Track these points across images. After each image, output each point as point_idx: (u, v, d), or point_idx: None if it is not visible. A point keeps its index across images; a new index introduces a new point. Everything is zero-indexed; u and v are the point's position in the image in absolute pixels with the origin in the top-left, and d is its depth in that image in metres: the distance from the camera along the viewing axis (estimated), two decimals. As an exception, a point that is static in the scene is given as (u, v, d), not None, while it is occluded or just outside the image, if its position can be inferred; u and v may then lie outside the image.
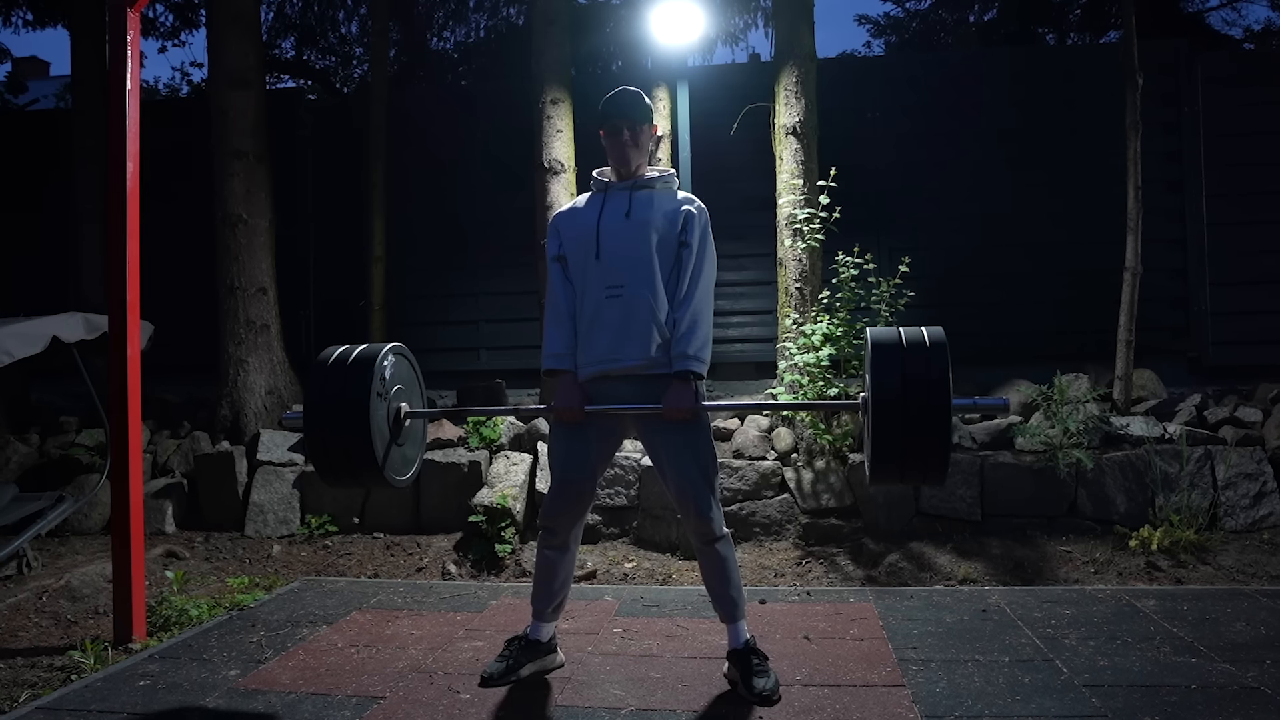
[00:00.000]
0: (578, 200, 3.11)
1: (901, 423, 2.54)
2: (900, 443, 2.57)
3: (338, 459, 2.89)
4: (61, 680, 3.26)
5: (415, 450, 3.16)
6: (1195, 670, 3.08)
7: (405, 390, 3.07)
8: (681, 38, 5.99)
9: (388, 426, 2.95)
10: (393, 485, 3.00)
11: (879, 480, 2.73)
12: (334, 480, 2.99)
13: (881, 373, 2.59)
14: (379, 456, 2.88)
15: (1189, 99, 6.82)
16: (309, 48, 13.15)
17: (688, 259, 2.90)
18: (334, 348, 3.00)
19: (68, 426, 6.38)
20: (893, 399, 2.56)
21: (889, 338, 2.65)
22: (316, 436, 2.90)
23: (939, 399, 2.52)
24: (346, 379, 2.86)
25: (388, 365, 2.95)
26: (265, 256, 6.46)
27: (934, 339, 2.61)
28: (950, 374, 2.55)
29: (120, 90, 3.61)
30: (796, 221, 5.61)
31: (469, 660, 3.33)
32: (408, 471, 3.10)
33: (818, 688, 3.00)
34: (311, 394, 2.93)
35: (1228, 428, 5.25)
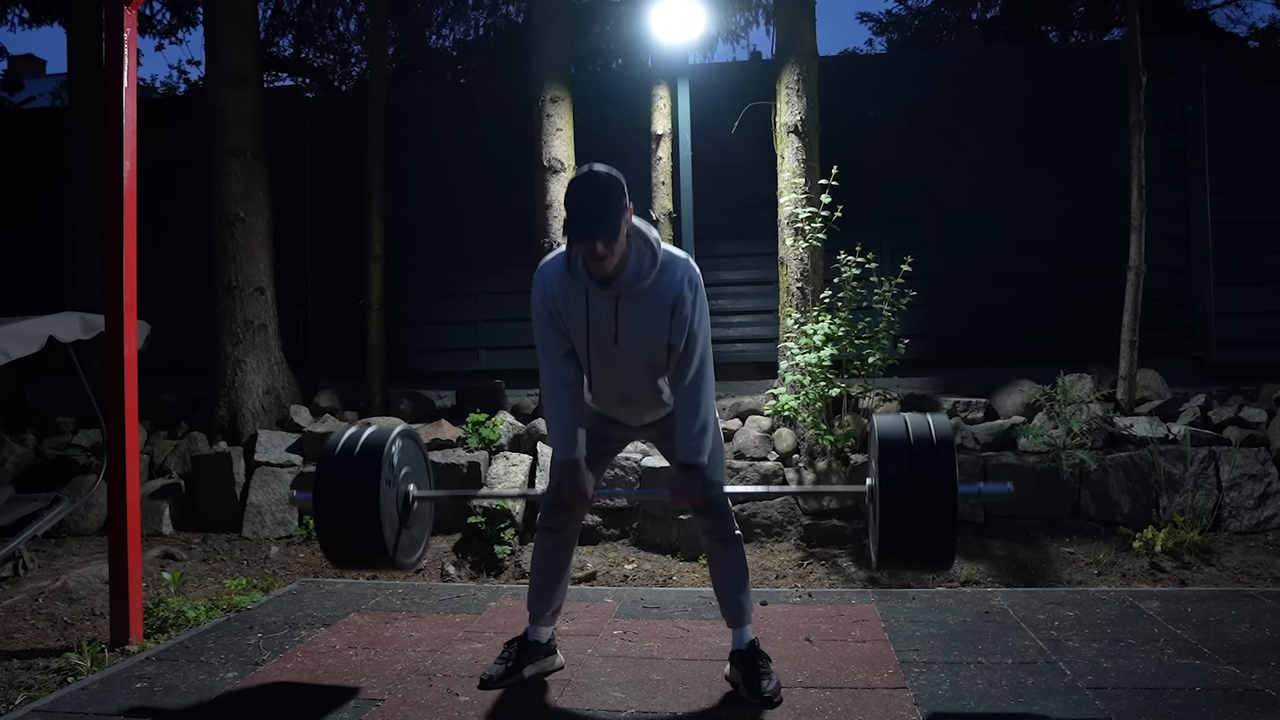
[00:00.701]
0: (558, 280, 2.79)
1: (908, 516, 2.61)
2: (906, 535, 2.64)
3: (347, 546, 2.96)
4: (58, 682, 3.26)
5: (423, 531, 3.23)
6: (1199, 672, 3.08)
7: (412, 473, 3.12)
8: (682, 35, 5.99)
9: (397, 512, 3.00)
10: (402, 569, 3.06)
11: (885, 565, 2.78)
12: (342, 565, 3.06)
13: (888, 466, 2.65)
14: (389, 545, 2.93)
15: (1193, 97, 6.82)
16: (307, 45, 13.15)
17: (682, 350, 2.78)
18: (340, 432, 3.05)
19: (64, 427, 6.38)
20: (900, 493, 2.62)
21: (896, 431, 2.70)
22: (326, 524, 2.95)
23: (946, 495, 2.59)
24: (355, 470, 2.91)
25: (396, 451, 2.99)
26: (263, 255, 6.46)
27: (940, 434, 2.67)
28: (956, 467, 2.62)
29: (117, 88, 3.61)
30: (798, 220, 5.61)
31: (468, 662, 3.33)
32: (416, 552, 3.16)
33: (820, 690, 3.00)
34: (320, 483, 2.96)
35: (1232, 428, 5.25)
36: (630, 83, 7.14)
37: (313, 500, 2.94)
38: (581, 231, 2.58)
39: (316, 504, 2.93)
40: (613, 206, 2.60)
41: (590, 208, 2.59)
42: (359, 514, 2.86)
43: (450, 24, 12.99)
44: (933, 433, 2.66)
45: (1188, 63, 6.84)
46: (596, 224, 2.58)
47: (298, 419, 6.10)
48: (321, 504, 2.92)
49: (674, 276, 2.74)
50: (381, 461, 2.89)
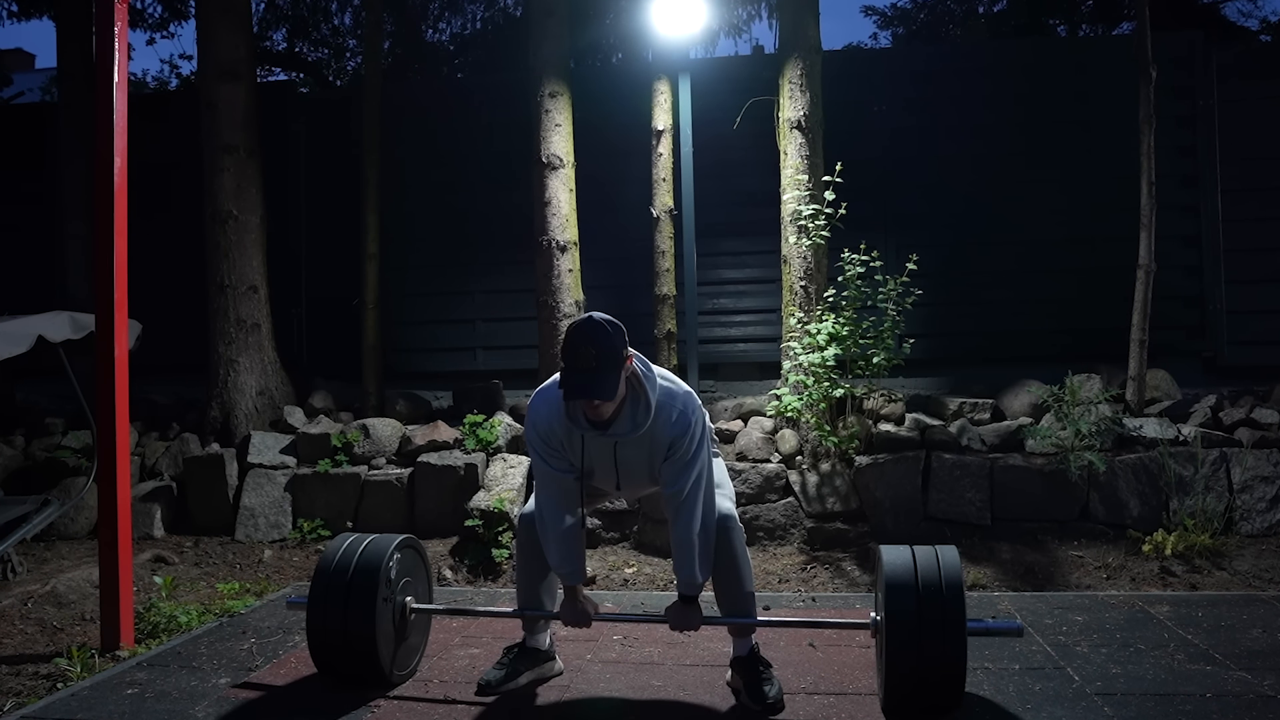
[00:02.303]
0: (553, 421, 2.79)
1: (916, 655, 2.65)
2: (914, 674, 2.68)
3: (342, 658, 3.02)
4: (47, 688, 3.26)
5: (420, 638, 3.29)
6: (1210, 678, 3.08)
7: (412, 582, 3.18)
8: (683, 29, 5.99)
9: (393, 630, 3.06)
10: (397, 683, 3.11)
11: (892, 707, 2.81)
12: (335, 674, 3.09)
13: (895, 604, 2.69)
14: (385, 663, 3.02)
15: (1204, 92, 6.82)
16: (301, 39, 13.16)
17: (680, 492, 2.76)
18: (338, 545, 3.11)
19: (53, 428, 6.38)
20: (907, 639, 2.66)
21: (903, 568, 2.74)
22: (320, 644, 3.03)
23: (954, 640, 2.63)
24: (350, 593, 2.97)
25: (394, 566, 3.06)
26: (256, 254, 6.46)
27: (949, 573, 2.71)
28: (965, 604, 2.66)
29: (107, 83, 3.61)
30: (801, 218, 5.61)
31: (465, 668, 3.33)
32: (411, 662, 3.21)
33: (823, 696, 3.00)
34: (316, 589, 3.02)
35: (1244, 429, 5.25)
36: (631, 77, 7.14)
37: (307, 612, 3.03)
38: (579, 393, 2.61)
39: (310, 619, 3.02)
40: (611, 367, 2.61)
41: (589, 369, 2.59)
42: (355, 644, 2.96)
43: (447, 17, 13.01)
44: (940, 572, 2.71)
45: (1199, 57, 6.84)
46: (594, 386, 2.60)
47: (291, 420, 6.10)
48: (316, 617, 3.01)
49: (670, 420, 2.74)
50: (378, 584, 2.97)
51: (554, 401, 2.77)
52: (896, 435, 5.27)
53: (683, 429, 2.74)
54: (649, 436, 2.75)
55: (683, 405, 2.76)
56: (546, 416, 2.81)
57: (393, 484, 5.48)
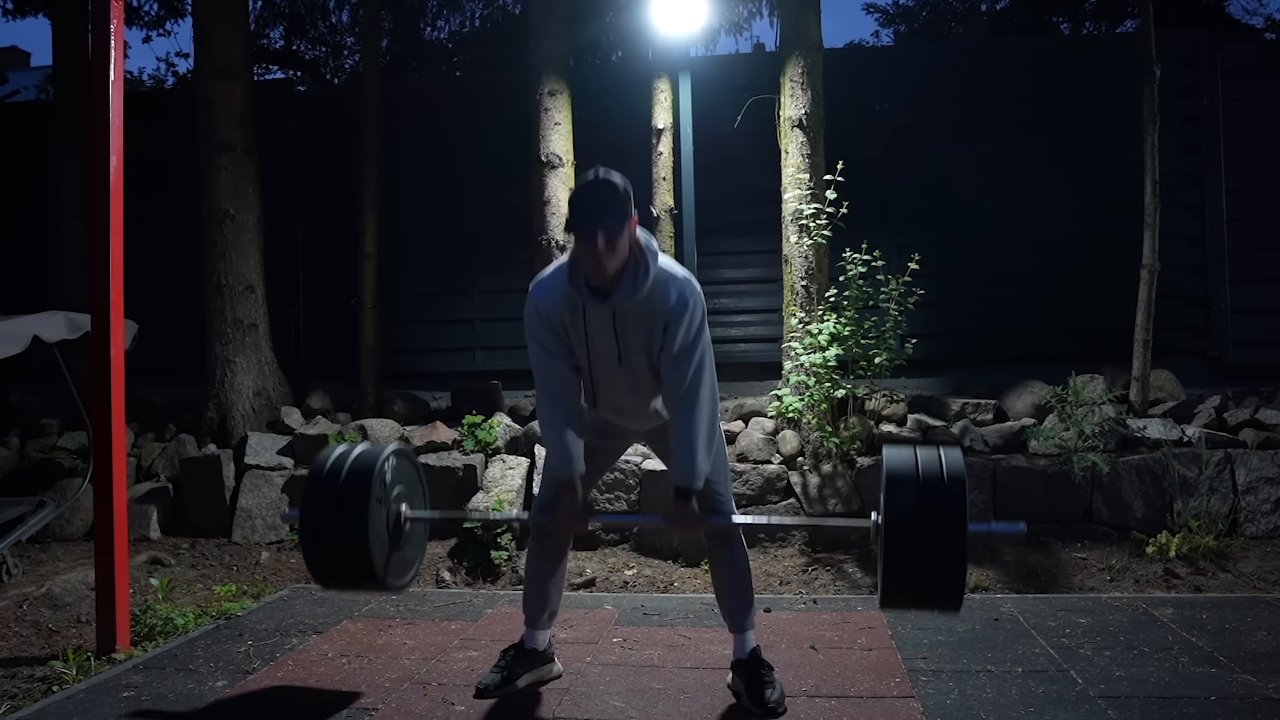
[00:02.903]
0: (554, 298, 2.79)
1: (916, 555, 2.58)
2: (914, 574, 2.61)
3: (334, 567, 2.93)
4: (42, 691, 3.26)
5: (416, 552, 3.19)
6: (1215, 681, 3.08)
7: (406, 492, 3.08)
8: (684, 27, 5.99)
9: (387, 533, 2.97)
10: (392, 591, 3.03)
11: (889, 607, 2.76)
12: (330, 587, 3.03)
13: (895, 502, 2.62)
14: (379, 568, 2.90)
15: (1208, 90, 6.82)
16: (298, 37, 13.17)
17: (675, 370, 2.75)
18: (331, 449, 3.03)
19: (49, 429, 6.38)
20: (907, 531, 2.58)
21: (905, 466, 2.67)
22: (312, 544, 2.92)
23: (956, 534, 2.56)
24: (344, 490, 2.88)
25: (389, 470, 2.97)
26: (253, 253, 6.46)
27: (952, 470, 2.63)
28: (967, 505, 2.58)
29: (103, 81, 3.61)
30: (802, 217, 5.61)
31: (464, 670, 3.33)
32: (407, 574, 3.12)
33: (824, 699, 3.00)
34: (308, 502, 2.94)
35: (1248, 430, 5.25)
36: (630, 76, 7.15)
37: (299, 519, 2.93)
38: (585, 224, 2.58)
39: (302, 524, 2.91)
40: (618, 207, 2.61)
41: (595, 204, 2.61)
42: (347, 535, 2.84)
43: (445, 15, 13.03)
44: (944, 468, 2.63)
45: (1203, 55, 6.85)
46: (600, 218, 2.58)
47: (289, 421, 6.10)
48: (308, 523, 2.90)
49: (667, 293, 2.72)
50: (372, 480, 2.87)
51: (556, 280, 2.79)
52: (898, 436, 5.27)
53: (681, 309, 2.72)
54: (648, 310, 2.73)
55: (681, 287, 2.75)
56: (549, 293, 2.80)
57: (391, 485, 5.47)
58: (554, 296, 2.79)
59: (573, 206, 2.65)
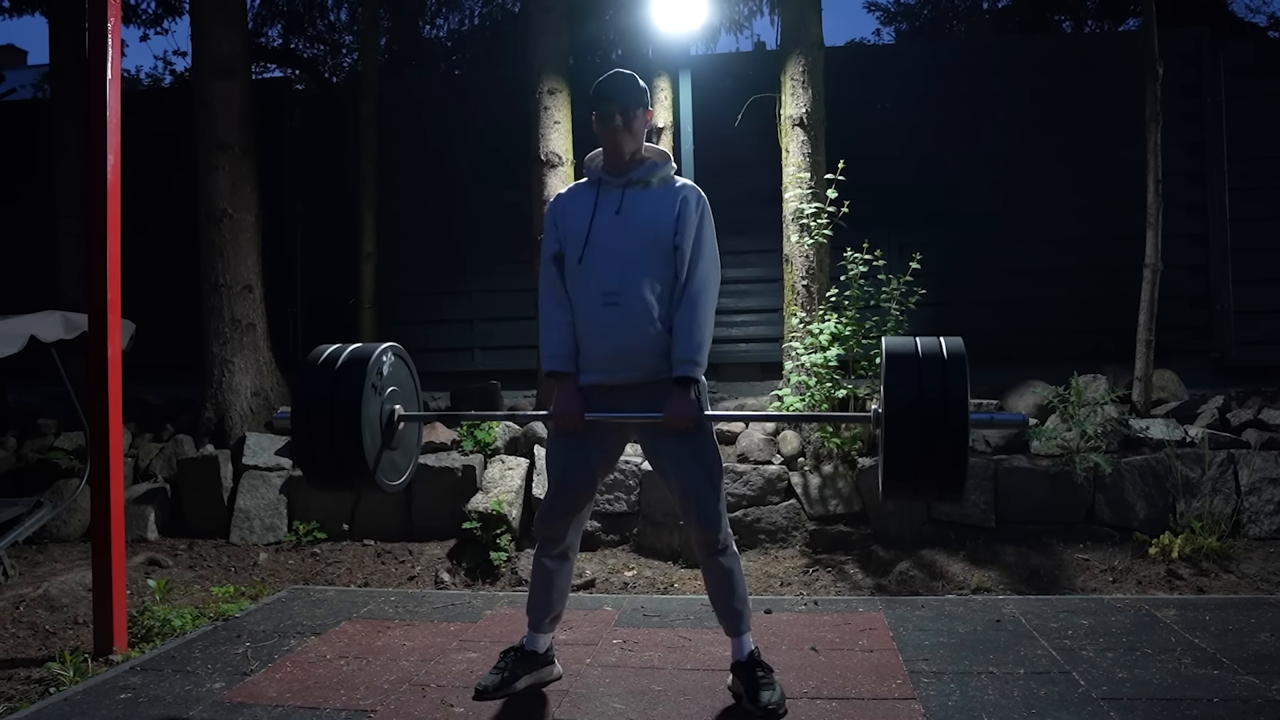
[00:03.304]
0: (572, 189, 3.07)
1: (917, 438, 2.52)
2: (915, 458, 2.55)
3: (324, 458, 2.86)
4: (39, 693, 3.26)
5: (408, 458, 3.12)
6: (1218, 683, 3.08)
7: (400, 393, 3.03)
8: (684, 25, 5.99)
9: (380, 428, 2.92)
10: (383, 489, 2.97)
11: (892, 496, 2.71)
12: (320, 482, 2.96)
13: (896, 384, 2.56)
14: (370, 458, 2.84)
15: (1211, 89, 6.82)
16: (297, 36, 13.17)
17: (683, 254, 2.88)
18: (326, 345, 2.98)
19: (46, 429, 6.39)
20: (908, 413, 2.53)
21: (905, 348, 2.63)
22: (303, 433, 2.86)
23: (957, 413, 2.50)
24: (339, 374, 2.84)
25: (386, 363, 2.94)
26: (251, 253, 6.46)
27: (952, 350, 2.60)
28: (968, 387, 2.53)
29: (100, 80, 3.61)
30: (803, 216, 5.61)
31: (463, 672, 3.33)
32: (399, 478, 3.06)
33: (825, 700, 3.01)
34: (300, 390, 2.91)
35: (1251, 430, 5.25)
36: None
37: (291, 410, 2.90)
38: (605, 93, 2.89)
39: (294, 409, 2.87)
40: (636, 90, 2.91)
41: (615, 84, 2.90)
42: (339, 425, 2.79)
43: (444, 14, 13.03)
44: (944, 351, 2.60)
45: (1206, 53, 6.84)
46: (620, 92, 2.88)
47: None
48: (300, 414, 2.85)
49: (684, 185, 2.96)
50: (367, 370, 2.83)
51: (577, 183, 3.08)
52: (900, 436, 5.26)
53: (695, 196, 2.93)
54: (661, 191, 2.94)
55: (695, 187, 2.97)
56: (566, 193, 3.07)
57: (389, 486, 5.47)
58: (569, 194, 3.05)
59: (595, 90, 2.93)
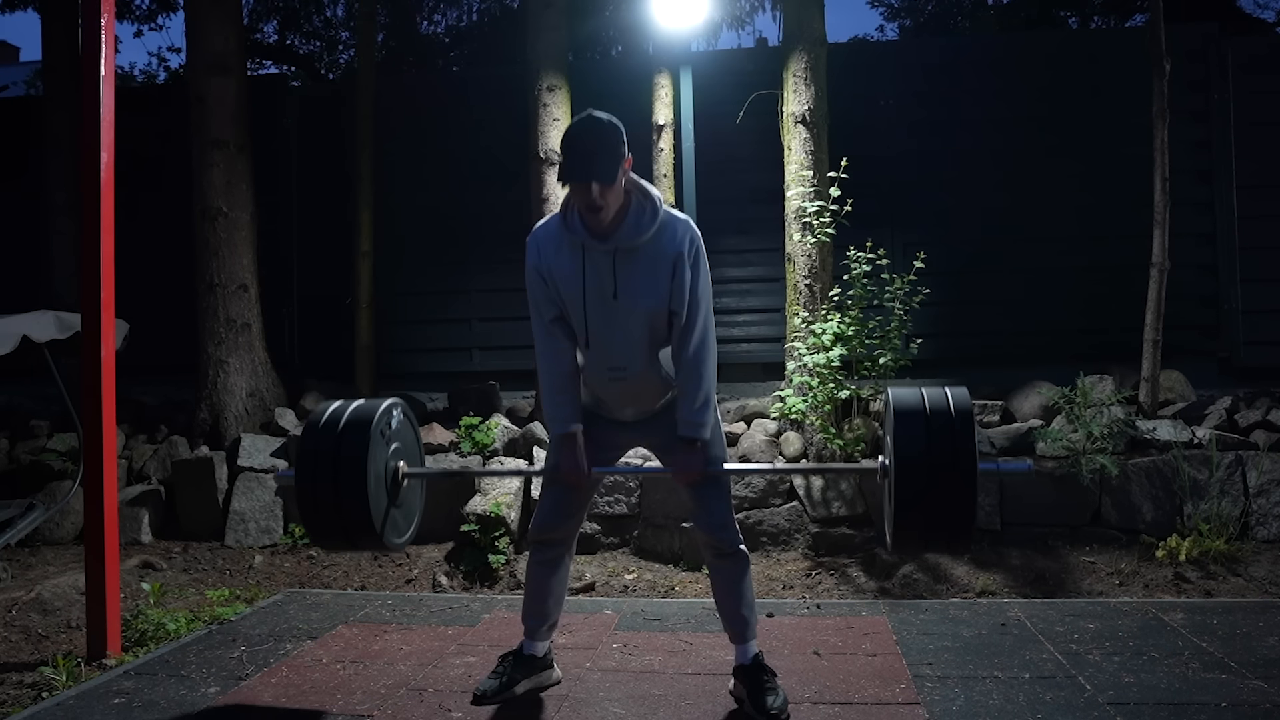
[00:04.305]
0: (553, 239, 2.81)
1: (925, 494, 2.57)
2: (924, 514, 2.60)
3: (331, 520, 2.89)
4: (31, 698, 3.26)
5: (411, 516, 3.17)
6: (1226, 687, 3.08)
7: (404, 450, 3.07)
8: (685, 21, 5.99)
9: (385, 488, 2.95)
10: (389, 549, 3.01)
11: (900, 549, 2.75)
12: (326, 541, 3.00)
13: (904, 440, 2.61)
14: (378, 521, 2.88)
15: (1219, 86, 6.82)
16: (293, 32, 13.17)
17: (680, 317, 2.77)
18: (328, 404, 3.01)
19: (38, 430, 6.39)
20: (917, 469, 2.58)
21: (911, 403, 2.67)
22: (309, 497, 2.88)
23: (965, 469, 2.56)
24: (344, 432, 2.86)
25: (394, 417, 2.97)
26: (246, 251, 6.46)
27: (959, 405, 2.64)
28: (976, 443, 2.59)
29: (94, 76, 3.61)
30: (806, 215, 5.61)
31: (461, 677, 3.33)
32: (402, 536, 3.10)
33: (828, 705, 3.01)
34: (305, 445, 2.91)
35: (1260, 432, 5.25)
36: (630, 71, 7.14)
37: (295, 471, 2.90)
38: (578, 173, 2.60)
39: (299, 475, 2.87)
40: (611, 151, 2.62)
41: (587, 150, 2.61)
42: (345, 486, 2.81)
43: (442, 9, 13.02)
44: (951, 405, 2.62)
45: (1213, 50, 6.84)
46: (593, 166, 2.59)
47: (283, 422, 6.11)
48: (305, 475, 2.86)
49: (674, 235, 2.74)
50: (373, 425, 2.85)
51: (552, 225, 2.82)
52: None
53: (690, 249, 2.74)
54: (653, 252, 2.73)
55: (687, 227, 2.78)
56: (544, 241, 2.83)
57: (386, 488, 5.48)
58: (550, 241, 2.81)
59: (565, 153, 2.65)
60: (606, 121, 2.65)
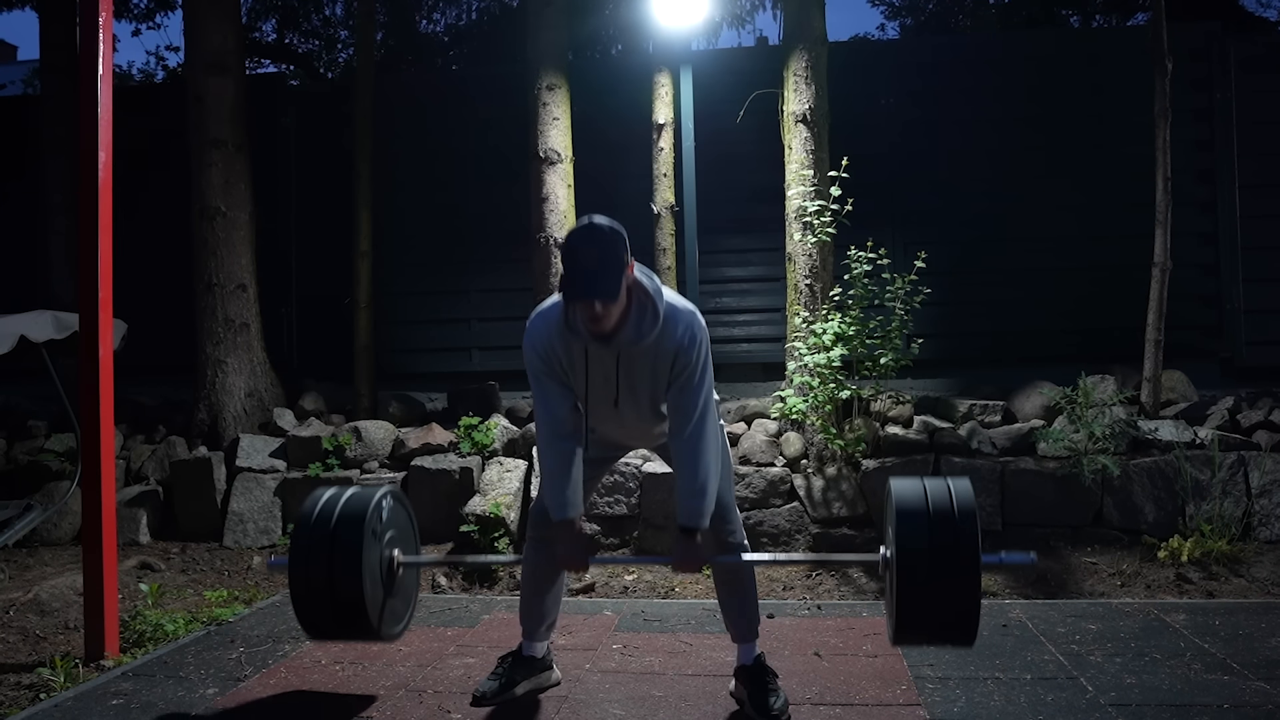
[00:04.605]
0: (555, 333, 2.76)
1: (928, 592, 2.59)
2: (927, 612, 2.62)
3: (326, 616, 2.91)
4: (29, 699, 3.26)
5: (406, 605, 3.17)
6: (1228, 689, 3.08)
7: (398, 537, 3.07)
8: (685, 20, 5.99)
9: (381, 580, 2.96)
10: (387, 640, 3.02)
11: (902, 643, 2.76)
12: (320, 635, 3.01)
13: (905, 535, 2.63)
14: (374, 615, 2.89)
15: (1221, 85, 6.82)
16: (291, 30, 13.17)
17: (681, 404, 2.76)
18: (321, 491, 3.02)
19: (36, 431, 6.39)
20: (918, 568, 2.60)
21: (914, 500, 2.68)
22: (303, 588, 2.89)
23: (968, 569, 2.58)
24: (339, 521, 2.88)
25: (385, 508, 2.98)
26: (245, 251, 6.46)
27: (962, 502, 2.65)
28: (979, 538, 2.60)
29: (91, 75, 3.61)
30: (806, 214, 5.61)
31: (460, 678, 3.33)
32: (397, 626, 3.11)
33: (829, 706, 3.00)
34: (298, 542, 2.93)
35: (1262, 432, 5.25)
36: (631, 70, 7.14)
37: (289, 562, 2.91)
38: (581, 292, 2.55)
39: (292, 565, 2.89)
40: (613, 265, 2.56)
41: (590, 267, 2.55)
42: (339, 578, 2.83)
43: (442, 8, 13.02)
44: (953, 499, 2.65)
45: (1216, 49, 6.84)
46: (596, 284, 2.54)
47: (281, 422, 6.11)
48: (298, 565, 2.88)
49: (675, 331, 2.72)
50: (365, 522, 2.87)
51: (553, 318, 2.76)
52: (904, 438, 5.27)
53: (690, 343, 2.72)
54: (654, 350, 2.72)
55: (689, 321, 2.75)
56: (545, 334, 2.78)
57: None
58: (551, 336, 2.77)
59: (566, 265, 2.59)
60: (609, 231, 2.59)
